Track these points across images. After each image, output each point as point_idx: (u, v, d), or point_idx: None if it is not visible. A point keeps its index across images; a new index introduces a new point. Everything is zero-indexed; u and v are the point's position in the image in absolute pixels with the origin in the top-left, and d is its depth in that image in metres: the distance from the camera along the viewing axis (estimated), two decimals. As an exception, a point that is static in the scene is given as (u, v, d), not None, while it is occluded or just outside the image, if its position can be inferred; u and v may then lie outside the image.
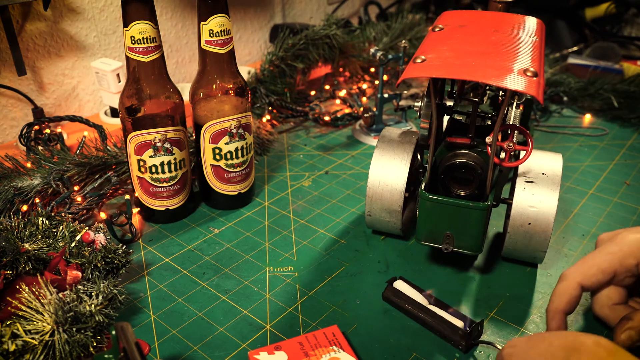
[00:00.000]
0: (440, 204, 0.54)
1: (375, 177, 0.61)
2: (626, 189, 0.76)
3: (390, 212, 0.61)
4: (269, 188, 0.76)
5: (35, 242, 0.55)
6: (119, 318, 0.53)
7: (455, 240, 0.56)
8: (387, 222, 0.62)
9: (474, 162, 0.54)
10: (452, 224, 0.55)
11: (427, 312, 0.52)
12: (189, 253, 0.63)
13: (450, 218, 0.55)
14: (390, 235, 0.65)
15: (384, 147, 0.62)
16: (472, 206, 0.54)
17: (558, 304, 0.47)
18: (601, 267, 0.48)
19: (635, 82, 0.98)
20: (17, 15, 0.81)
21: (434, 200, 0.55)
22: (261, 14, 1.18)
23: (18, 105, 0.85)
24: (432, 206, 0.55)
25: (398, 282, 0.56)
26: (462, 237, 0.56)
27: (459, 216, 0.54)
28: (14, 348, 0.44)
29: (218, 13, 0.61)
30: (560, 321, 0.47)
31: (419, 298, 0.54)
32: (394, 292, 0.55)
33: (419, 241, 0.58)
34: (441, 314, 0.52)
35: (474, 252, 0.56)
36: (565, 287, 0.47)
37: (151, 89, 0.61)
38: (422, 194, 0.55)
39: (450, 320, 0.51)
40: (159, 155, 0.63)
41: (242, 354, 0.50)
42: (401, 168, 0.61)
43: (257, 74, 0.95)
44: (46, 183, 0.67)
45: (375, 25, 1.15)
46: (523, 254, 0.59)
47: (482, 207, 0.53)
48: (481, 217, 0.54)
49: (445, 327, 0.51)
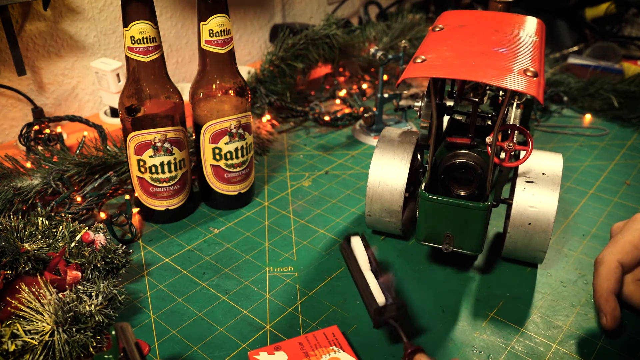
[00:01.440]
0: (440, 204, 0.54)
1: (375, 177, 0.61)
2: (626, 189, 0.76)
3: (391, 212, 0.61)
4: (269, 188, 0.76)
5: (35, 242, 0.55)
6: (119, 318, 0.52)
7: (455, 240, 0.56)
8: (387, 222, 0.62)
9: (474, 162, 0.54)
10: (452, 224, 0.55)
11: (358, 277, 0.52)
12: (189, 253, 0.63)
13: (450, 218, 0.55)
14: (390, 236, 0.65)
15: (384, 147, 0.62)
16: (472, 206, 0.54)
17: (607, 285, 0.49)
18: (634, 243, 0.49)
19: (635, 82, 0.98)
20: (16, 15, 0.81)
21: (434, 200, 0.55)
22: (261, 14, 1.18)
23: (18, 105, 0.85)
24: (432, 206, 0.55)
25: (355, 238, 0.56)
26: (462, 237, 0.55)
27: (459, 216, 0.54)
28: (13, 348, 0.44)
29: (218, 13, 0.61)
30: (614, 302, 0.49)
31: (362, 260, 0.54)
32: (346, 248, 0.56)
33: (419, 241, 0.58)
34: (370, 283, 0.51)
35: (474, 252, 0.56)
36: (608, 269, 0.49)
37: (151, 89, 0.61)
38: (422, 194, 0.55)
39: (373, 292, 0.50)
40: (159, 155, 0.63)
41: (242, 354, 0.50)
42: (401, 168, 0.61)
43: (257, 74, 0.95)
44: (46, 183, 0.67)
45: (375, 25, 1.14)
46: (523, 254, 0.58)
47: (482, 207, 0.53)
48: (481, 217, 0.54)
49: (366, 297, 0.50)
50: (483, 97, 0.58)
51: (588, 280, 0.59)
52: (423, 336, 0.51)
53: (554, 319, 0.54)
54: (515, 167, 0.57)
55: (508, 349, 0.50)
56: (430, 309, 0.55)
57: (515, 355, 0.50)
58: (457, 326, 0.53)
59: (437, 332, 0.52)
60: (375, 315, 0.48)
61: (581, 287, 0.58)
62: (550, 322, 0.53)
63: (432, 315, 0.54)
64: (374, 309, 0.48)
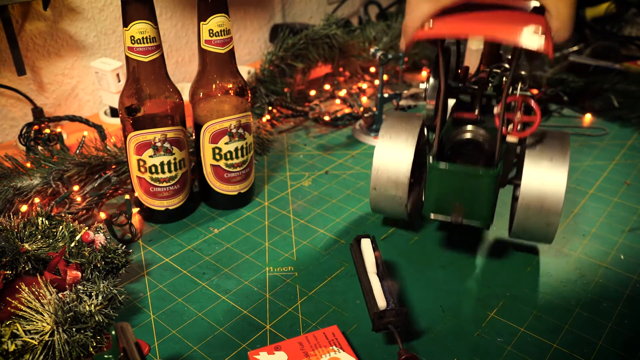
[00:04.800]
0: (450, 173, 0.53)
1: (383, 149, 0.60)
2: (626, 189, 0.76)
3: (397, 185, 0.60)
4: (269, 188, 0.76)
5: (35, 242, 0.55)
6: (119, 318, 0.52)
7: (465, 211, 0.55)
8: (392, 196, 0.61)
9: (481, 137, 0.53)
10: (461, 194, 0.54)
11: (363, 279, 0.53)
12: (189, 253, 0.63)
13: (460, 187, 0.54)
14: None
15: (393, 120, 0.62)
16: (483, 173, 0.53)
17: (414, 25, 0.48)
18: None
19: (636, 82, 0.98)
20: (16, 15, 0.81)
21: (443, 169, 0.53)
22: (261, 14, 1.18)
23: (17, 105, 0.85)
24: (441, 175, 0.54)
25: (365, 240, 0.57)
26: (472, 208, 0.54)
27: (469, 184, 0.53)
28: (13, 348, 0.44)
29: (218, 13, 0.61)
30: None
31: (369, 263, 0.54)
32: (355, 248, 0.57)
33: (428, 214, 0.57)
34: (374, 286, 0.51)
35: (484, 223, 0.55)
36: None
37: (151, 89, 0.61)
38: (431, 164, 0.54)
39: (376, 295, 0.50)
40: (159, 155, 0.63)
41: (242, 354, 0.50)
42: (409, 140, 0.60)
43: (257, 73, 0.95)
44: (46, 183, 0.67)
45: (375, 25, 1.14)
46: (533, 232, 0.57)
47: (493, 173, 0.52)
48: (492, 185, 0.53)
49: (368, 300, 0.51)
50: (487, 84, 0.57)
51: (588, 280, 0.59)
52: (423, 336, 0.51)
53: (554, 319, 0.54)
54: (523, 138, 0.56)
55: (508, 349, 0.50)
56: (430, 309, 0.55)
57: (515, 355, 0.50)
58: (457, 326, 0.53)
59: (437, 332, 0.52)
60: (375, 319, 0.48)
61: (581, 287, 0.58)
62: (550, 322, 0.53)
63: (432, 315, 0.54)
64: (374, 313, 0.48)
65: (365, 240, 0.57)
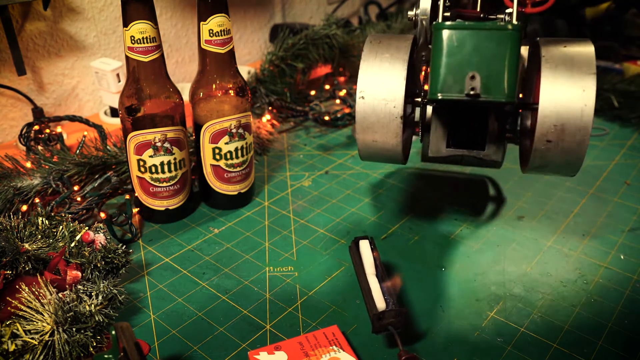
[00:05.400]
0: (461, 34, 0.44)
1: (369, 72, 0.51)
2: (626, 189, 0.76)
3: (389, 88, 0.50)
4: (269, 188, 0.76)
5: (35, 242, 0.55)
6: (119, 318, 0.52)
7: (482, 82, 0.45)
8: (384, 103, 0.51)
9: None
10: (477, 59, 0.45)
11: (363, 281, 0.52)
12: (189, 253, 0.63)
13: (475, 51, 0.45)
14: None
15: (377, 38, 0.54)
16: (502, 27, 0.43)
17: None
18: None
19: (636, 82, 0.98)
20: (16, 15, 0.81)
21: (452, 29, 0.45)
22: (261, 14, 1.18)
23: (18, 105, 0.85)
24: (449, 39, 0.45)
25: (364, 242, 0.57)
26: (490, 77, 0.45)
27: (485, 46, 0.44)
28: (13, 348, 0.44)
29: (218, 13, 0.61)
30: None
31: (368, 264, 0.54)
32: (354, 251, 0.57)
33: (435, 95, 0.47)
34: (372, 288, 0.51)
35: (507, 97, 0.45)
36: None
37: (151, 89, 0.61)
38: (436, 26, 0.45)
39: (375, 297, 0.50)
40: (159, 155, 0.63)
41: (242, 354, 0.50)
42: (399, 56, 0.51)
43: (257, 74, 0.95)
44: (46, 183, 0.67)
45: (375, 25, 1.15)
46: (556, 164, 0.49)
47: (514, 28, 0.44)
48: (515, 43, 0.44)
49: (368, 301, 0.50)
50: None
51: (588, 280, 0.59)
52: (423, 336, 0.51)
53: (554, 319, 0.54)
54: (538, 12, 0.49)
55: (508, 349, 0.50)
56: (430, 309, 0.55)
57: (515, 355, 0.50)
58: (457, 326, 0.53)
59: (437, 332, 0.52)
60: (375, 320, 0.48)
61: (581, 287, 0.58)
62: (550, 322, 0.53)
63: (432, 315, 0.54)
64: (373, 314, 0.48)
65: (363, 241, 0.57)
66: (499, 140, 0.55)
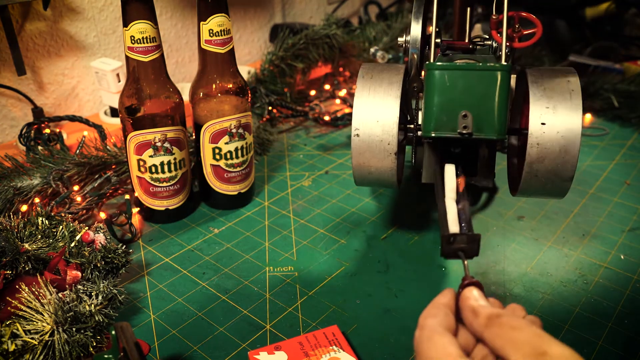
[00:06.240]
0: (453, 74, 0.46)
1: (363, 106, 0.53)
2: (626, 189, 0.76)
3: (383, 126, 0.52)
4: (269, 188, 0.76)
5: (35, 242, 0.55)
6: (119, 318, 0.52)
7: (474, 120, 0.47)
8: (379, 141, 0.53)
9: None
10: (469, 99, 0.47)
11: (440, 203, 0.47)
12: (189, 253, 0.63)
13: (466, 91, 0.46)
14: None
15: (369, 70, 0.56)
16: (492, 67, 0.45)
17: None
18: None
19: (636, 82, 0.98)
20: (16, 15, 0.81)
21: (444, 70, 0.46)
22: (261, 14, 1.18)
23: (18, 105, 0.85)
24: (441, 79, 0.47)
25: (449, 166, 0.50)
26: (482, 115, 0.47)
27: (476, 85, 0.46)
28: (13, 348, 0.44)
29: (218, 13, 0.61)
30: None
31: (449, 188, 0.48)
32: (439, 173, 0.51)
33: (429, 133, 0.49)
34: (450, 211, 0.46)
35: (497, 135, 0.47)
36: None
37: (151, 89, 0.61)
38: (429, 66, 0.47)
39: (450, 219, 0.45)
40: (159, 155, 0.63)
41: (242, 354, 0.50)
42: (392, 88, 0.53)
43: (257, 73, 0.95)
44: (46, 183, 0.67)
45: (375, 25, 1.15)
46: (544, 187, 0.51)
47: (503, 68, 0.46)
48: (504, 82, 0.46)
49: (441, 223, 0.46)
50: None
51: (588, 280, 0.59)
52: (423, 336, 0.51)
53: (554, 318, 0.54)
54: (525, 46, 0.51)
55: (508, 348, 0.50)
56: (430, 309, 0.55)
57: (515, 355, 0.49)
58: (457, 326, 0.53)
59: (437, 332, 0.52)
60: (444, 243, 0.44)
61: (581, 287, 0.58)
62: (551, 322, 0.53)
63: (432, 315, 0.54)
64: (442, 236, 0.44)
65: (449, 166, 0.50)
66: (488, 167, 0.58)
